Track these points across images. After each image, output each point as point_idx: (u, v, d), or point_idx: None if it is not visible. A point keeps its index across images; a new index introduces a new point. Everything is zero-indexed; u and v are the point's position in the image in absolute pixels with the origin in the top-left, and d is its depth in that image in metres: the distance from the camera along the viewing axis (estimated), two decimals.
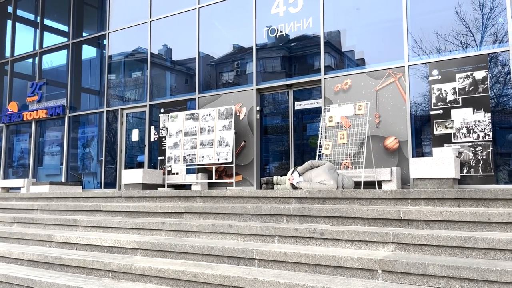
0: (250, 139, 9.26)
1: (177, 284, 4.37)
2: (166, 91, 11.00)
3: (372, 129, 7.87)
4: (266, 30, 9.45)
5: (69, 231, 6.50)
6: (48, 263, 5.44)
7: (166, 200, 6.78)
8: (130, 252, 5.31)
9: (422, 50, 7.70)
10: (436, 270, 3.49)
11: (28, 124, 13.39)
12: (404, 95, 7.73)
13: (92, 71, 12.57)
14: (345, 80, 8.34)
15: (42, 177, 12.93)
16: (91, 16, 12.91)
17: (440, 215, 4.29)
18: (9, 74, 14.15)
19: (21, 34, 14.30)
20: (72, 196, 7.97)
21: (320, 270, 4.06)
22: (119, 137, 11.43)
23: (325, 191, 5.53)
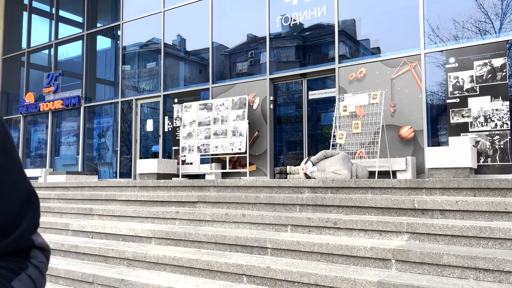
0: (263, 129, 9.24)
1: (191, 272, 4.42)
2: (180, 81, 11.03)
3: (387, 118, 7.78)
4: (279, 19, 9.37)
5: (85, 219, 6.61)
6: (65, 251, 5.54)
7: (180, 190, 6.83)
8: (145, 241, 5.37)
9: (439, 37, 7.54)
10: (451, 260, 3.45)
11: (45, 115, 13.59)
12: (420, 84, 7.60)
13: (106, 62, 12.67)
14: (359, 69, 8.24)
15: (59, 167, 13.15)
16: (105, 7, 12.97)
17: (455, 204, 4.23)
18: (26, 65, 14.35)
19: (37, 25, 14.46)
20: (88, 185, 8.09)
21: (333, 259, 4.05)
22: (133, 127, 11.52)
23: (339, 180, 5.49)
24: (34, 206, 0.76)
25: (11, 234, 0.72)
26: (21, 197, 0.74)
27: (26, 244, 0.74)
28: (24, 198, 0.74)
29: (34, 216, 0.76)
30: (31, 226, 0.75)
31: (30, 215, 0.75)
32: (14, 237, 0.72)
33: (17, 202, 0.73)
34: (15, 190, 0.73)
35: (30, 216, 0.75)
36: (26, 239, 0.74)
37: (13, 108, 14.56)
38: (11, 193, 0.72)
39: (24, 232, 0.74)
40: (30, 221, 0.75)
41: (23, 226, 0.73)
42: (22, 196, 0.74)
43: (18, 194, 0.74)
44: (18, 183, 0.74)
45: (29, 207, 0.75)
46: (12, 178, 0.73)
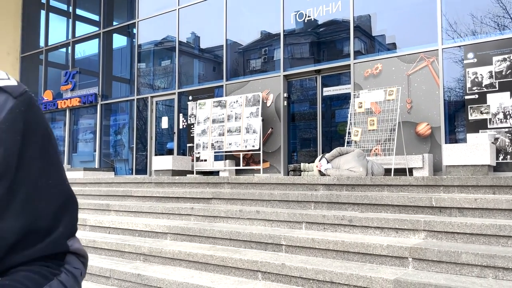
0: (277, 126, 9.22)
1: (206, 268, 4.43)
2: (194, 78, 11.07)
3: (404, 115, 7.68)
4: (294, 15, 9.32)
5: (102, 215, 6.69)
6: (83, 246, 5.62)
7: (195, 186, 6.87)
8: (160, 236, 5.42)
9: (456, 33, 7.41)
10: (469, 259, 3.40)
11: (63, 112, 13.79)
12: (437, 80, 7.48)
13: (122, 59, 12.79)
14: (375, 65, 8.15)
15: (76, 164, 13.35)
16: (121, 5, 13.09)
17: (474, 202, 4.16)
18: (44, 63, 14.58)
19: (55, 24, 14.66)
20: (105, 181, 8.19)
21: (349, 257, 4.02)
22: (149, 124, 11.62)
23: (354, 178, 5.45)
24: (71, 210, 0.74)
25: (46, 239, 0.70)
26: (59, 201, 0.72)
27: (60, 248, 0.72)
28: (61, 202, 0.73)
29: (70, 221, 0.74)
30: (67, 231, 0.73)
31: (66, 219, 0.73)
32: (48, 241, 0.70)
33: (55, 205, 0.71)
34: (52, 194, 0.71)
35: (66, 221, 0.73)
36: (60, 244, 0.71)
37: None
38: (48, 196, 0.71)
39: (59, 237, 0.71)
40: (66, 225, 0.72)
41: (58, 230, 0.71)
42: (60, 200, 0.72)
43: (55, 198, 0.72)
44: (56, 186, 0.73)
45: (66, 211, 0.73)
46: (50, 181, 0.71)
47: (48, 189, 0.71)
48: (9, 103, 0.67)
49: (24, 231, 0.68)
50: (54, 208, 0.71)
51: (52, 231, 0.70)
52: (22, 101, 0.68)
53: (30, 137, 0.69)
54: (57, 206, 0.71)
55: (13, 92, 0.68)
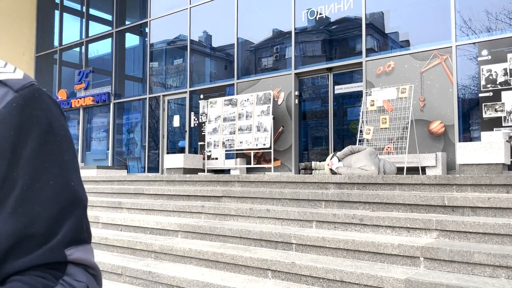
0: (288, 124, 9.19)
1: (216, 266, 4.45)
2: (206, 77, 11.10)
3: (416, 113, 7.59)
4: (305, 12, 9.28)
5: (114, 212, 6.76)
6: (95, 243, 5.69)
7: (206, 184, 6.89)
8: (171, 234, 5.45)
9: (471, 29, 7.29)
10: (482, 258, 3.35)
11: (76, 111, 13.96)
12: (451, 77, 7.38)
13: (135, 59, 12.89)
14: (387, 62, 8.07)
15: (90, 162, 13.50)
16: (133, 5, 13.18)
17: (487, 201, 4.09)
18: (58, 63, 14.76)
19: (68, 24, 14.84)
20: (117, 179, 8.27)
21: (359, 256, 3.99)
22: (161, 123, 11.69)
23: (365, 176, 5.41)
24: (75, 215, 0.65)
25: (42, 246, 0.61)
26: (60, 204, 0.63)
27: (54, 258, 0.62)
28: (63, 205, 0.64)
29: (72, 227, 0.64)
30: (65, 238, 0.63)
31: (68, 225, 0.63)
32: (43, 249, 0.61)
33: (54, 209, 0.63)
34: (53, 196, 0.63)
35: (68, 227, 0.63)
36: (55, 253, 0.62)
37: None
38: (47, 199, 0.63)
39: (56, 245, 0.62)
40: (66, 232, 0.63)
41: (57, 237, 0.62)
42: (61, 203, 0.64)
43: (56, 200, 0.63)
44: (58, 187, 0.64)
45: (69, 216, 0.64)
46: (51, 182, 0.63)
47: (47, 190, 0.63)
48: (8, 96, 0.62)
49: (17, 236, 0.60)
50: (54, 211, 0.63)
51: (50, 238, 0.62)
52: (22, 95, 0.63)
53: (28, 133, 0.62)
54: (57, 209, 0.63)
55: (14, 86, 0.63)
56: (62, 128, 0.67)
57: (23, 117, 0.62)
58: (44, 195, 0.62)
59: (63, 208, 0.64)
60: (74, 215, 0.65)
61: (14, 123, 0.62)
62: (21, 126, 0.62)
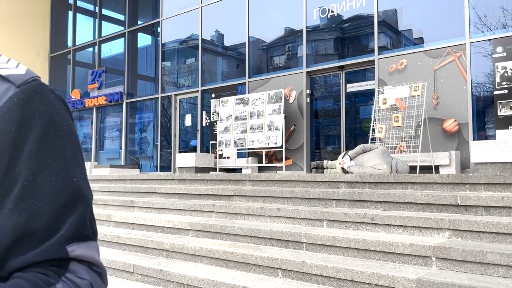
0: (300, 123, 9.16)
1: (227, 265, 4.46)
2: (217, 76, 11.12)
3: (430, 111, 7.50)
4: (317, 10, 9.23)
5: (127, 211, 6.82)
6: (108, 241, 5.75)
7: (217, 183, 6.91)
8: (182, 233, 5.48)
9: (486, 26, 7.17)
10: (495, 258, 3.29)
11: (90, 111, 14.12)
12: (465, 75, 7.27)
13: (147, 58, 12.98)
14: (400, 60, 7.98)
15: (103, 161, 13.65)
16: (145, 4, 13.27)
17: (501, 200, 4.02)
18: (72, 63, 14.95)
19: (81, 24, 15.01)
20: (130, 178, 8.34)
21: (370, 255, 3.96)
22: (173, 122, 11.76)
23: (377, 175, 5.36)
24: (77, 211, 0.64)
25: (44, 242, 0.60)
26: (62, 200, 0.63)
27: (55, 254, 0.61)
28: (66, 200, 0.63)
29: (75, 223, 0.63)
30: (67, 234, 0.62)
31: (70, 221, 0.62)
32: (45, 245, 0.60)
33: (56, 204, 0.62)
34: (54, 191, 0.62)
35: (70, 223, 0.62)
36: (56, 249, 0.61)
37: None
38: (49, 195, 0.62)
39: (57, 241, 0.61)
40: (68, 228, 0.62)
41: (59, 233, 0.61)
42: (63, 199, 0.63)
43: (58, 196, 0.62)
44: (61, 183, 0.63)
45: (71, 211, 0.63)
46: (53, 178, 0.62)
47: (49, 186, 0.62)
48: (10, 92, 0.62)
49: (18, 232, 0.60)
50: (56, 207, 0.62)
51: (52, 234, 0.61)
52: (24, 90, 0.62)
53: (30, 128, 0.62)
54: (59, 205, 0.62)
55: (16, 81, 0.63)
56: (65, 123, 0.66)
57: (24, 112, 0.62)
58: (45, 190, 0.62)
59: (65, 204, 0.63)
60: (77, 211, 0.63)
61: (15, 118, 0.61)
62: (22, 121, 0.61)
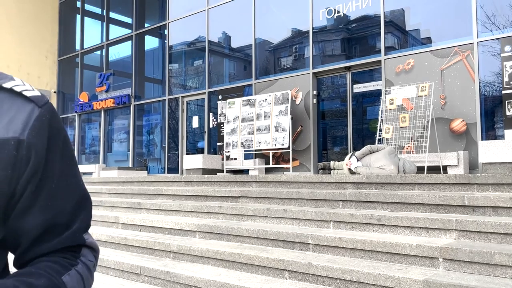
0: (306, 124, 9.15)
1: (233, 266, 4.46)
2: (225, 78, 11.15)
3: (437, 111, 7.45)
4: (323, 11, 9.22)
5: (134, 213, 6.86)
6: (115, 243, 5.78)
7: (223, 185, 6.92)
8: (189, 234, 5.50)
9: (494, 25, 7.11)
10: (503, 260, 3.26)
11: (98, 113, 14.22)
12: (473, 74, 7.21)
13: (154, 61, 13.05)
14: (407, 60, 7.94)
15: (111, 163, 13.74)
16: (152, 7, 13.35)
17: (509, 201, 3.98)
18: (80, 66, 15.08)
19: (89, 27, 15.14)
20: (137, 180, 8.38)
21: (377, 256, 3.94)
22: (180, 124, 11.80)
23: (383, 176, 5.34)
24: (86, 207, 0.83)
25: (65, 232, 0.78)
26: (76, 199, 0.81)
27: (77, 242, 0.80)
28: (78, 199, 0.81)
29: (86, 217, 0.82)
30: (83, 226, 0.81)
31: (82, 215, 0.81)
32: (67, 235, 0.78)
33: (72, 202, 0.80)
34: (70, 192, 0.80)
35: (83, 217, 0.81)
36: (77, 237, 0.80)
37: (69, 107, 15.36)
38: (67, 195, 0.79)
39: (76, 231, 0.80)
40: (82, 221, 0.81)
41: (75, 225, 0.79)
42: (77, 198, 0.81)
43: (73, 196, 0.80)
44: (74, 185, 0.81)
45: (82, 208, 0.81)
46: (69, 181, 0.80)
47: (67, 188, 0.79)
48: (36, 111, 0.75)
49: (46, 225, 0.76)
50: (72, 205, 0.80)
51: (70, 226, 0.79)
52: (46, 110, 0.76)
53: (54, 141, 0.77)
54: (74, 203, 0.80)
55: (38, 102, 0.76)
56: (68, 137, 0.83)
57: (50, 129, 0.77)
58: (65, 191, 0.79)
59: (78, 202, 0.81)
60: (86, 208, 0.83)
61: (46, 134, 0.76)
62: (50, 136, 0.77)
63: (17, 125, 0.73)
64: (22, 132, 0.73)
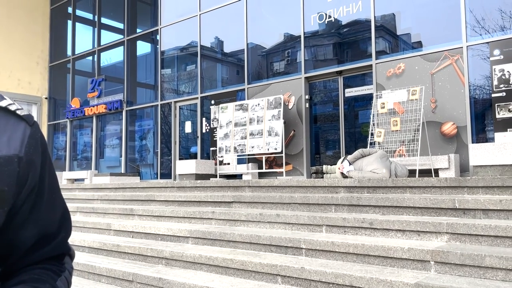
0: (299, 128, 9.18)
1: (226, 272, 4.45)
2: (217, 83, 11.16)
3: (428, 114, 7.51)
4: (314, 16, 9.27)
5: (126, 219, 6.82)
6: (107, 250, 5.74)
7: (216, 190, 6.91)
8: (182, 240, 5.48)
9: (484, 29, 7.20)
10: (494, 262, 3.28)
11: (90, 119, 14.15)
12: (463, 78, 7.29)
13: (146, 66, 13.03)
14: (398, 64, 8.01)
15: (103, 169, 13.66)
16: (144, 12, 13.35)
17: (499, 203, 4.02)
18: (71, 71, 15.01)
19: (81, 33, 15.09)
20: (129, 186, 8.34)
21: (369, 260, 3.95)
22: (173, 129, 11.78)
23: (375, 180, 5.36)
24: (69, 217, 0.89)
25: (52, 242, 0.84)
26: (61, 210, 0.86)
27: (64, 250, 0.87)
28: (63, 210, 0.87)
29: (69, 226, 0.89)
30: (67, 235, 0.87)
31: (66, 225, 0.87)
32: (56, 243, 0.84)
33: (59, 214, 0.86)
34: (57, 204, 0.86)
35: (66, 226, 0.87)
36: (65, 246, 0.87)
37: (60, 113, 15.28)
38: (55, 207, 0.85)
39: (63, 240, 0.86)
40: (67, 230, 0.87)
41: (62, 234, 0.86)
42: (61, 210, 0.86)
43: (59, 207, 0.86)
44: (60, 198, 0.87)
45: (66, 218, 0.87)
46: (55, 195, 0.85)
47: (54, 201, 0.85)
48: (28, 130, 0.78)
49: (38, 236, 0.82)
50: (59, 216, 0.86)
51: (57, 235, 0.85)
52: (36, 128, 0.80)
53: (44, 158, 0.82)
54: (60, 214, 0.86)
55: (29, 121, 0.79)
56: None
57: (42, 145, 0.81)
58: (53, 204, 0.84)
59: (63, 213, 0.87)
60: (69, 218, 0.89)
61: (40, 151, 0.80)
62: (42, 153, 0.81)
63: (16, 143, 0.76)
64: (20, 150, 0.76)
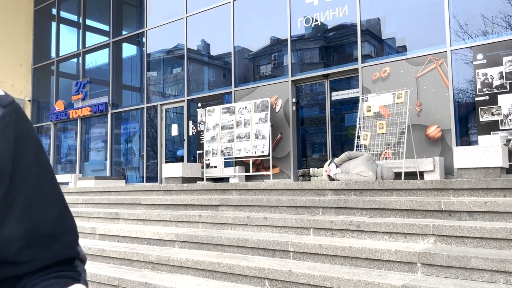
0: (286, 131, 9.19)
1: (213, 276, 4.42)
2: (204, 85, 11.11)
3: (413, 118, 7.59)
4: (301, 20, 9.31)
5: (111, 223, 6.73)
6: (92, 255, 5.65)
7: (203, 193, 6.87)
8: (169, 244, 5.42)
9: (467, 34, 7.31)
10: (480, 263, 3.32)
11: (74, 122, 13.96)
12: (447, 82, 7.39)
13: (132, 68, 12.92)
14: (383, 68, 8.09)
15: (88, 172, 13.47)
16: (130, 15, 13.24)
17: (484, 205, 4.07)
18: (55, 74, 14.80)
19: (65, 35, 14.90)
20: (115, 190, 8.24)
21: (357, 262, 3.96)
22: (159, 132, 11.69)
23: (362, 182, 5.39)
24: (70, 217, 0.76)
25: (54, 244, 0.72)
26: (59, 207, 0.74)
27: (72, 254, 0.75)
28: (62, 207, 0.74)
29: (74, 227, 0.76)
30: (75, 237, 0.75)
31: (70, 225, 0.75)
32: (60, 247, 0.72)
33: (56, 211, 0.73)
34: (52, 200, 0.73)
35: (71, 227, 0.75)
36: (73, 250, 0.75)
37: (44, 116, 15.03)
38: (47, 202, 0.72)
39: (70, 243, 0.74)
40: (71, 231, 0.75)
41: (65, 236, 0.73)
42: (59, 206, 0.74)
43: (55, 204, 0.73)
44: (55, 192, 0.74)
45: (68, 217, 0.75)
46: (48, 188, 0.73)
47: (46, 195, 0.72)
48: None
49: (27, 237, 0.69)
50: (56, 213, 0.72)
51: (59, 236, 0.72)
52: (11, 110, 0.69)
53: (24, 144, 0.70)
54: (57, 212, 0.73)
55: (2, 102, 0.69)
56: (41, 141, 0.75)
57: (17, 131, 0.69)
58: (45, 199, 0.71)
59: (63, 209, 0.74)
60: (71, 216, 0.75)
61: (11, 136, 0.68)
62: (17, 138, 0.69)
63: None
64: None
